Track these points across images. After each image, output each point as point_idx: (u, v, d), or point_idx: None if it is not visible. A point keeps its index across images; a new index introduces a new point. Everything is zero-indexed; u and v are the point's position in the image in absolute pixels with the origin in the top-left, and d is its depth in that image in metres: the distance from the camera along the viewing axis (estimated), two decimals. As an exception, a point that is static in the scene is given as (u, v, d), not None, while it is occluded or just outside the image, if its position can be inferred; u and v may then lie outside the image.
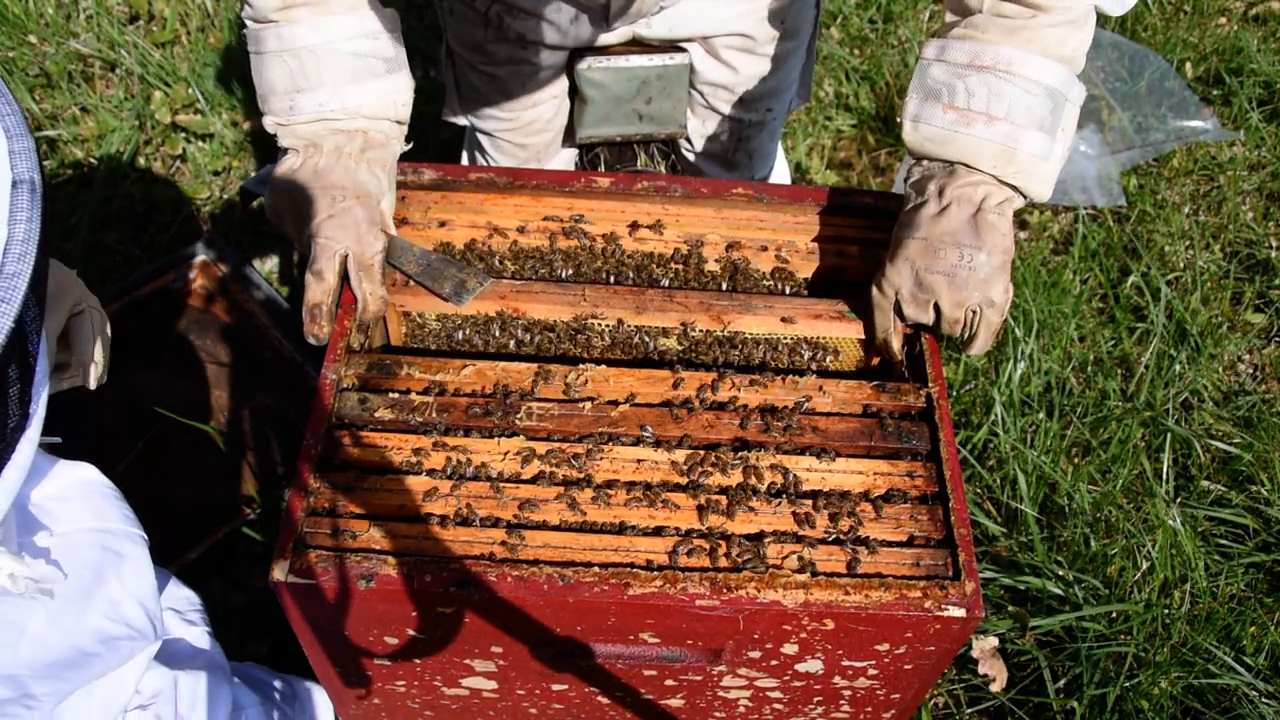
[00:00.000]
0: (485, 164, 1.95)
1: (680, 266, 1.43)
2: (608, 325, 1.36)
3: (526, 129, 1.87)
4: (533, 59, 1.76)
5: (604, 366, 1.31)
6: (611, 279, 1.43)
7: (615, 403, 1.28)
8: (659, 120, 1.81)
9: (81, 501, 1.25)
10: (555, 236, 1.44)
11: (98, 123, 2.75)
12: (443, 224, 1.44)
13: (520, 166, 1.89)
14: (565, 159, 1.98)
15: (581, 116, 1.80)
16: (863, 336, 1.38)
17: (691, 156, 1.94)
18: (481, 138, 1.93)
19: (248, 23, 1.34)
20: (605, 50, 1.71)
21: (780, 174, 2.22)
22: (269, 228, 1.41)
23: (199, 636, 1.53)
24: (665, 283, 1.43)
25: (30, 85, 2.82)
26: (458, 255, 1.43)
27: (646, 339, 1.38)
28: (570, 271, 1.43)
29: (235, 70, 2.90)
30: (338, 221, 1.29)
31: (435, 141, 2.71)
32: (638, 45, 1.71)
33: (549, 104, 1.84)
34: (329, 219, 1.29)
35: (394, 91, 1.35)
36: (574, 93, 1.78)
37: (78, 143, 2.74)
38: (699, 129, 1.88)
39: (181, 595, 1.57)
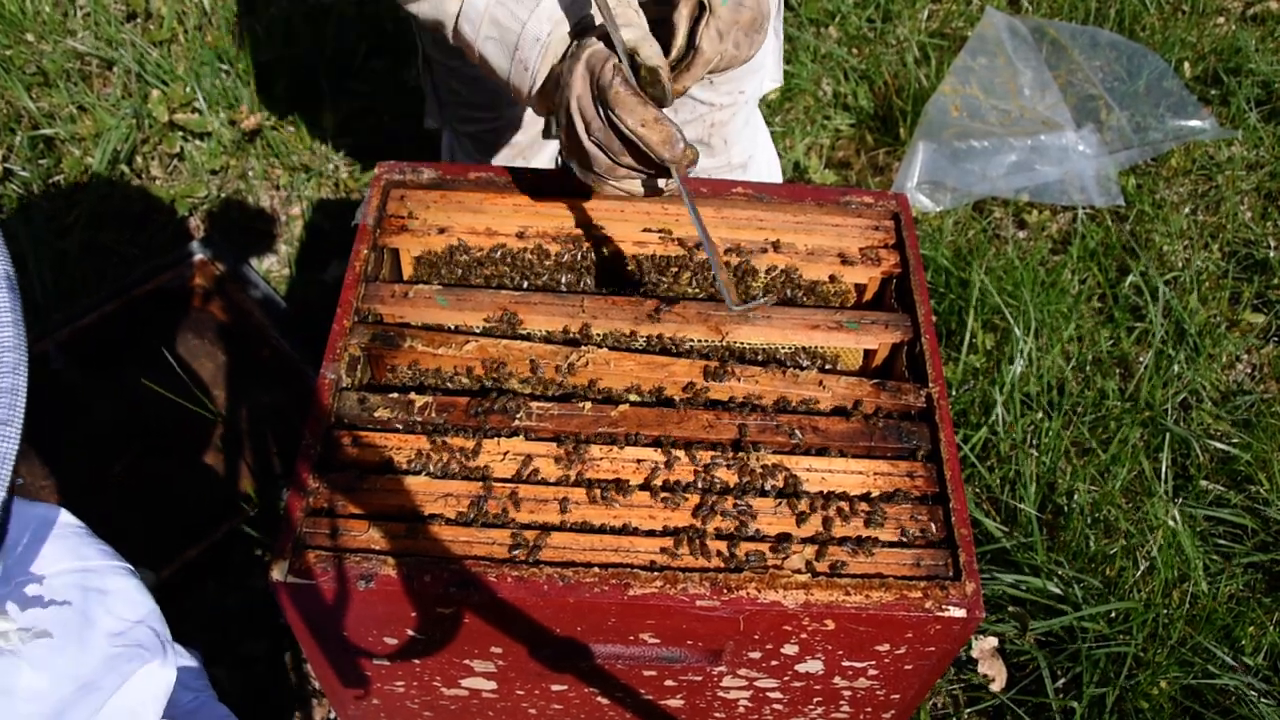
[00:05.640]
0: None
1: (674, 281, 1.43)
2: (606, 335, 1.36)
3: (510, 127, 1.85)
4: None
5: (605, 350, 1.31)
6: (611, 285, 1.43)
7: (615, 402, 1.28)
8: None
9: (57, 543, 1.20)
10: (554, 241, 1.43)
11: (95, 121, 2.75)
12: (442, 230, 1.44)
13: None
14: (549, 154, 1.97)
15: None
16: (861, 346, 1.38)
17: None
18: (466, 140, 1.92)
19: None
20: None
21: (769, 159, 2.19)
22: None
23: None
24: (665, 287, 1.43)
25: (27, 83, 2.81)
26: (460, 255, 1.43)
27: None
28: (569, 278, 1.43)
29: (233, 68, 2.89)
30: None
31: (434, 142, 2.70)
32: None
33: None
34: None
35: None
36: None
37: (75, 141, 2.73)
38: (672, 115, 1.86)
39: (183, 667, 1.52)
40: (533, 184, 1.48)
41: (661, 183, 1.25)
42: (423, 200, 1.47)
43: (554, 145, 1.95)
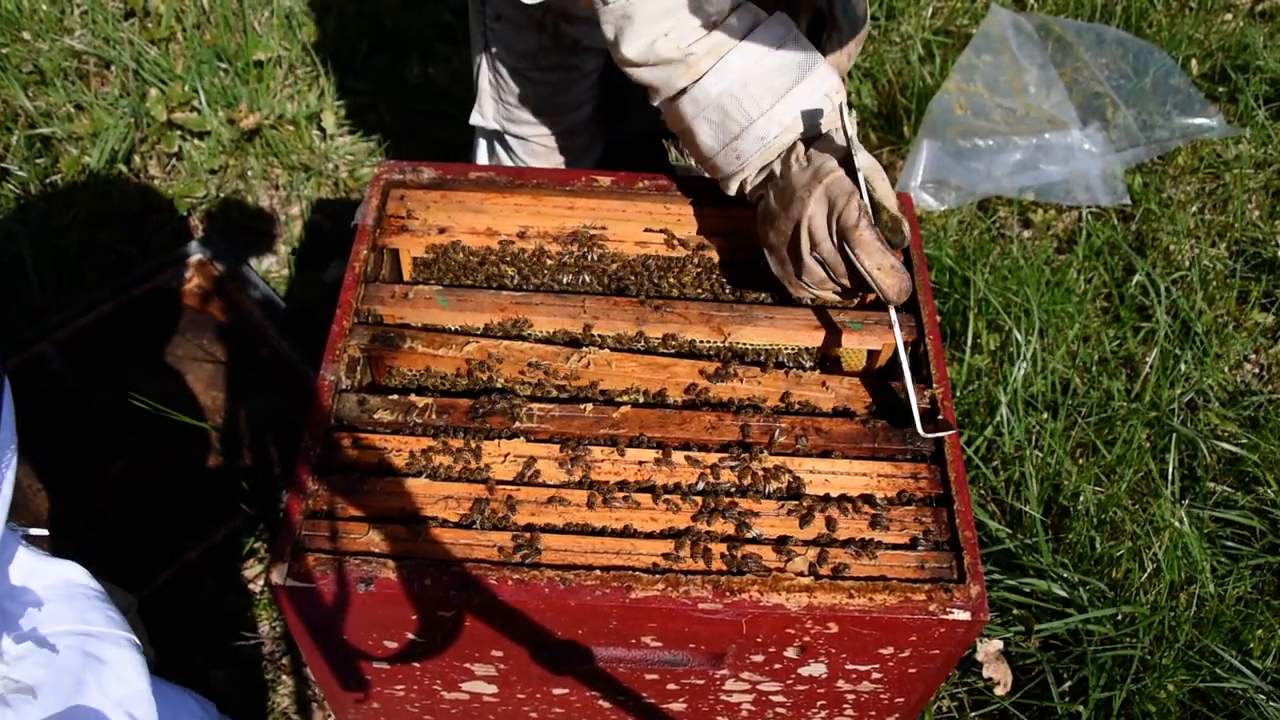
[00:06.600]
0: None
1: (680, 275, 1.42)
2: (608, 336, 1.34)
3: (567, 133, 1.87)
4: (583, 65, 1.76)
5: (606, 351, 1.30)
6: (612, 285, 1.41)
7: (617, 403, 1.27)
8: None
9: (64, 603, 1.19)
10: (555, 241, 1.42)
11: (93, 120, 2.73)
12: (442, 230, 1.42)
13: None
14: (593, 162, 1.99)
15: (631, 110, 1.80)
16: (865, 346, 1.37)
17: None
18: (513, 142, 1.92)
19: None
20: None
21: None
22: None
23: None
24: (666, 287, 1.42)
25: (24, 82, 2.80)
26: (460, 253, 1.41)
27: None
28: (570, 278, 1.41)
29: (232, 67, 2.88)
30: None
31: (435, 141, 2.69)
32: None
33: (589, 105, 1.84)
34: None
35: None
36: (624, 89, 1.78)
37: (72, 140, 2.72)
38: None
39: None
40: (534, 184, 1.47)
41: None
42: (423, 200, 1.45)
43: (598, 153, 1.96)
